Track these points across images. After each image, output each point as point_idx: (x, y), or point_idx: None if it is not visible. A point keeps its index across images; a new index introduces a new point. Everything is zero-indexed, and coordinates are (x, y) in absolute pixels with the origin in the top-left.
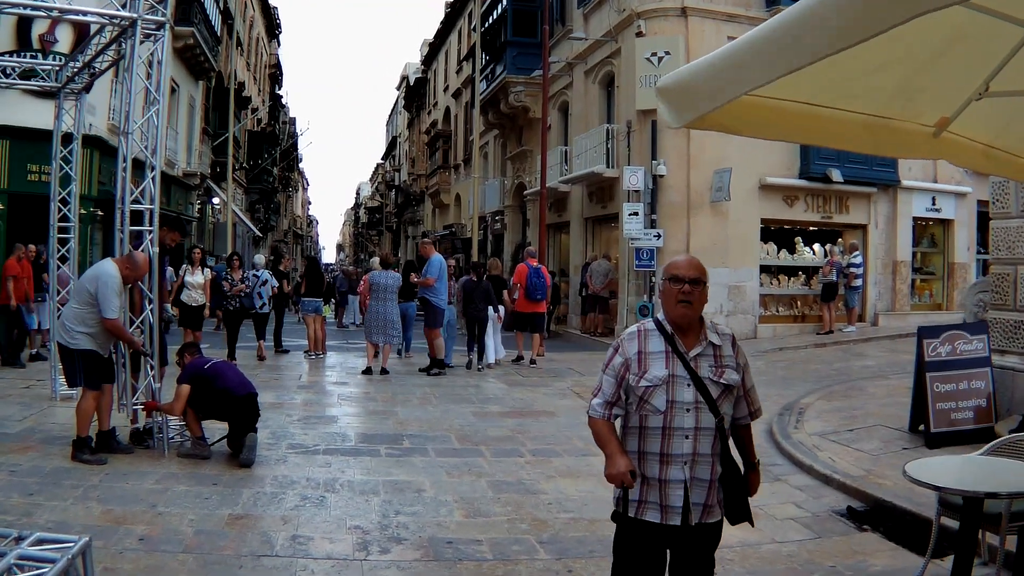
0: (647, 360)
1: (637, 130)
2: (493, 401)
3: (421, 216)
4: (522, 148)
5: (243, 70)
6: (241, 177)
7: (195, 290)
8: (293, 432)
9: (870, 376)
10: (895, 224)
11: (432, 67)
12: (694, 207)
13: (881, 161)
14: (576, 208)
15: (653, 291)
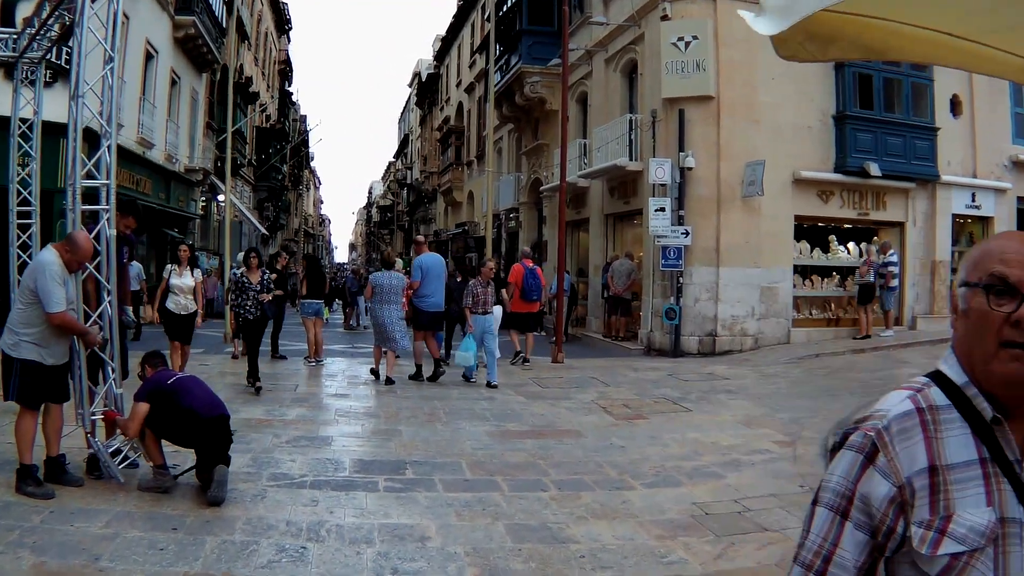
0: (949, 486)
1: (663, 120)
2: (510, 418)
3: (433, 214)
4: (538, 142)
5: (251, 65)
6: (249, 174)
7: (183, 295)
8: (279, 458)
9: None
10: (934, 221)
11: (444, 62)
12: (724, 202)
13: (920, 154)
14: (596, 204)
15: (680, 293)
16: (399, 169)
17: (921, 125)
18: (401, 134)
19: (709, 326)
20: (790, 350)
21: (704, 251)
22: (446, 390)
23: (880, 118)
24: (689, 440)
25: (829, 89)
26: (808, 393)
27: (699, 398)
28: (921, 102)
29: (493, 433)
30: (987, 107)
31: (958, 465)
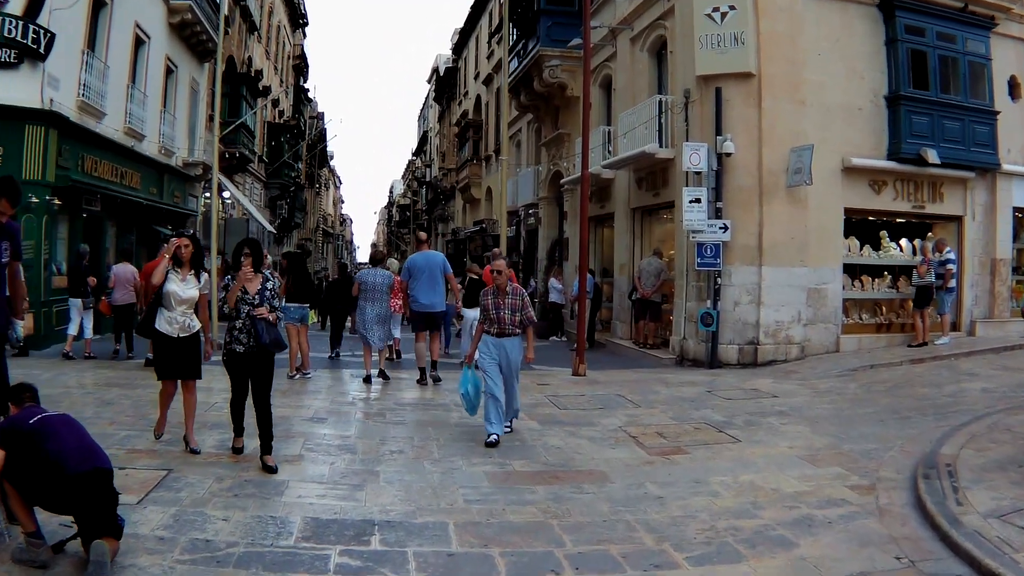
0: None
1: (697, 100)
2: (518, 452)
3: (452, 212)
4: (558, 132)
5: (261, 58)
6: (259, 170)
7: (182, 309)
8: (209, 515)
9: (1004, 406)
10: (994, 215)
11: (463, 55)
12: (767, 193)
13: (979, 140)
14: (621, 197)
15: (718, 295)
16: (418, 167)
17: (980, 108)
18: (420, 131)
19: (750, 333)
20: (840, 360)
21: (745, 248)
22: (446, 412)
23: (937, 99)
24: (743, 485)
25: (880, 67)
26: (873, 415)
27: (746, 423)
28: (979, 83)
29: (495, 476)
30: None
31: None
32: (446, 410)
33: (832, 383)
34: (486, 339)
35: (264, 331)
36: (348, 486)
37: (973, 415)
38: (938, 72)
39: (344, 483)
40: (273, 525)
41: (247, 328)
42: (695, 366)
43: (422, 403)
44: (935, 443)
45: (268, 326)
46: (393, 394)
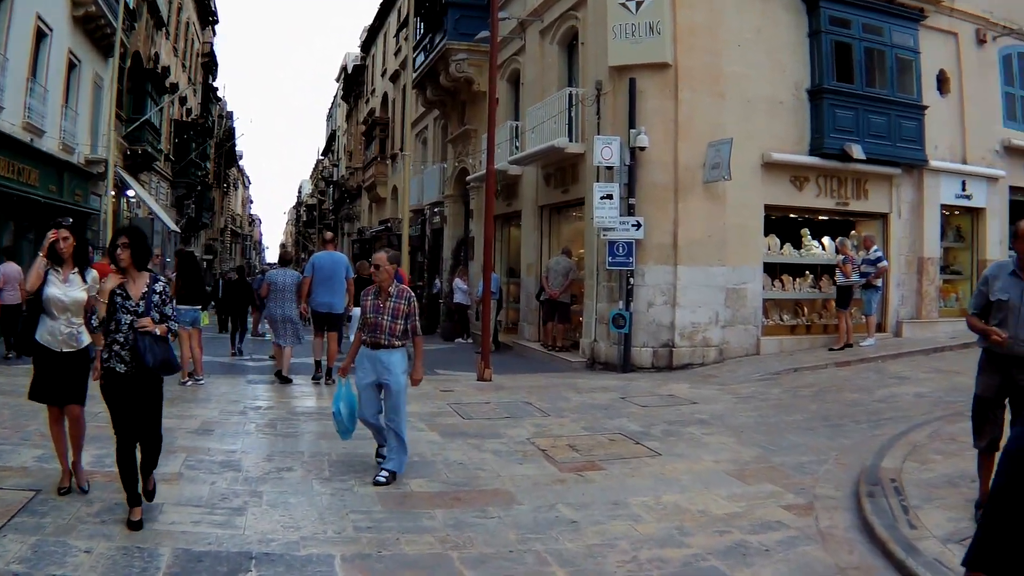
0: None
1: (610, 93)
2: (417, 470)
3: (358, 212)
4: (464, 128)
5: (169, 55)
6: (165, 169)
7: (64, 318)
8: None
9: (942, 412)
10: (921, 213)
11: (371, 52)
12: (683, 189)
13: (906, 136)
14: (529, 194)
15: (630, 296)
16: (326, 167)
17: (907, 102)
18: (329, 131)
19: (665, 335)
20: (761, 363)
21: (659, 247)
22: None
23: (862, 93)
24: (667, 507)
25: (803, 59)
26: (802, 423)
27: (666, 433)
28: (906, 77)
29: (390, 498)
30: (976, 85)
31: None
32: None
33: (754, 388)
34: (363, 351)
35: (147, 349)
36: (227, 510)
37: (910, 423)
38: (864, 65)
39: (223, 507)
40: (139, 559)
41: (130, 343)
42: (607, 370)
43: (317, 413)
44: (875, 455)
45: (155, 343)
46: (288, 402)
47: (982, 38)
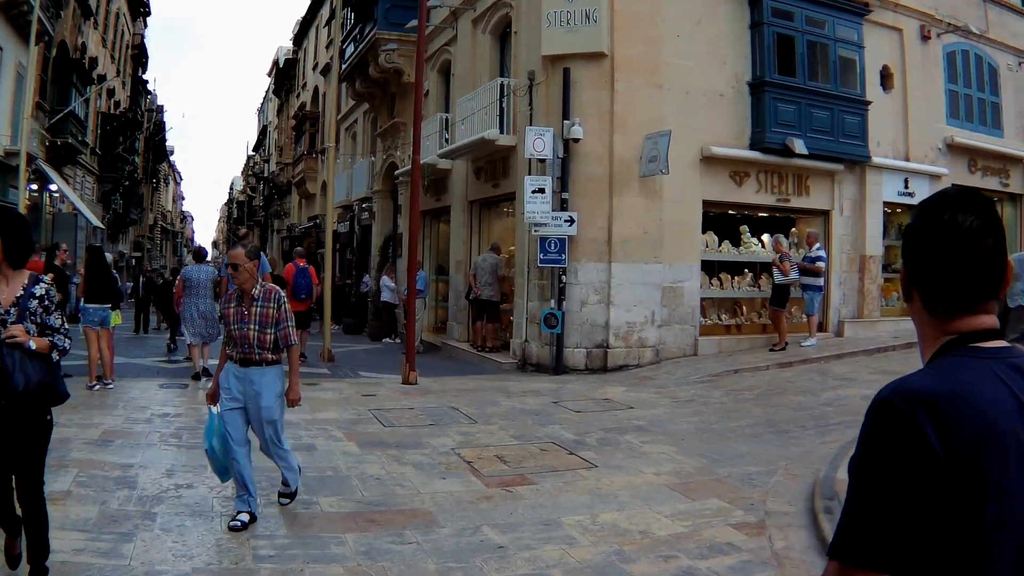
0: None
1: (543, 83)
2: (329, 486)
3: (288, 208)
4: (394, 121)
5: (97, 45)
6: (91, 163)
7: None
8: None
9: None
10: (863, 210)
11: (303, 46)
12: (619, 183)
13: (849, 131)
14: (459, 189)
15: (563, 294)
16: (257, 162)
17: (850, 97)
18: (260, 126)
19: (599, 335)
20: (700, 364)
21: (593, 243)
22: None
23: (805, 87)
24: (605, 528)
25: (744, 51)
26: (746, 430)
27: (602, 441)
28: (850, 72)
29: (297, 520)
30: (920, 82)
31: None
32: None
33: (694, 391)
34: (228, 369)
35: (17, 368)
36: (115, 536)
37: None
38: (806, 59)
39: (111, 532)
40: None
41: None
42: (539, 372)
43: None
44: (827, 465)
45: (28, 360)
46: (198, 408)
47: (927, 35)
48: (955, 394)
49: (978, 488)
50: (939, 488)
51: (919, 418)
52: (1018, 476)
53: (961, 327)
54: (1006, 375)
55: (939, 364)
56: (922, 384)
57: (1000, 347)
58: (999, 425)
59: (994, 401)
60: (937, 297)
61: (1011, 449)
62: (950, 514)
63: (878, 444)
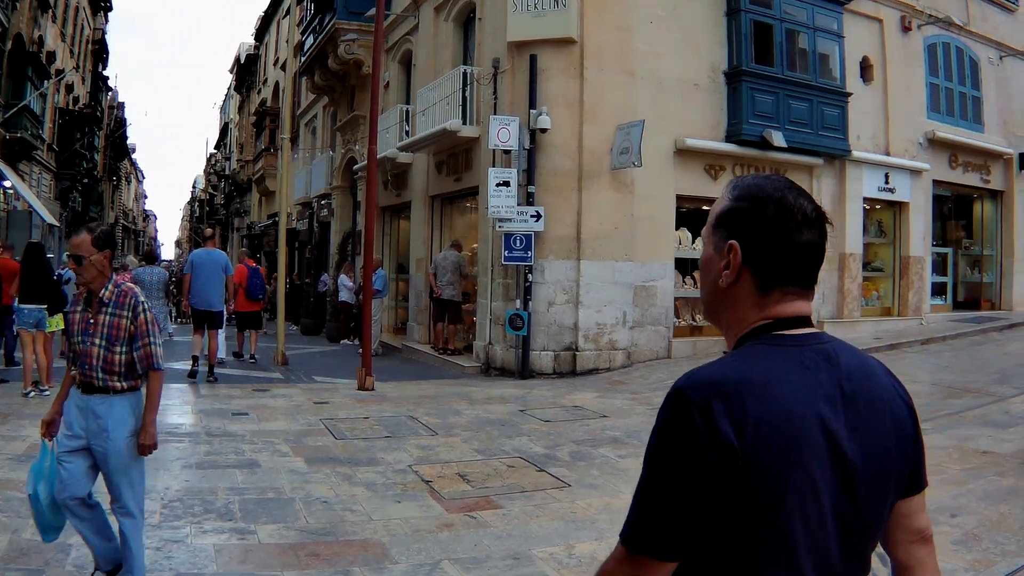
0: None
1: (508, 70)
2: (269, 510)
3: (248, 206)
4: (353, 114)
5: (55, 39)
6: (49, 159)
7: None
8: None
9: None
10: (843, 206)
11: (264, 41)
12: (588, 176)
13: (828, 124)
14: (420, 183)
15: (529, 294)
16: (218, 160)
17: (830, 89)
18: (222, 123)
19: (567, 338)
20: (675, 368)
21: (560, 240)
22: (194, 445)
23: (783, 77)
24: (584, 561)
25: (720, 39)
26: None
27: (574, 456)
28: (829, 62)
29: (230, 552)
30: (901, 74)
31: None
32: (195, 443)
33: None
34: (71, 395)
35: None
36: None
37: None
38: (785, 48)
39: (18, 567)
40: None
41: None
42: (504, 376)
43: (168, 430)
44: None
45: None
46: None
47: (907, 26)
48: (755, 383)
49: (775, 480)
50: (734, 480)
51: (714, 409)
52: (818, 468)
53: (785, 311)
54: (812, 363)
55: (743, 352)
56: (720, 373)
57: (809, 334)
58: (801, 415)
59: (797, 390)
60: (776, 278)
61: (813, 440)
62: (745, 507)
63: (671, 435)
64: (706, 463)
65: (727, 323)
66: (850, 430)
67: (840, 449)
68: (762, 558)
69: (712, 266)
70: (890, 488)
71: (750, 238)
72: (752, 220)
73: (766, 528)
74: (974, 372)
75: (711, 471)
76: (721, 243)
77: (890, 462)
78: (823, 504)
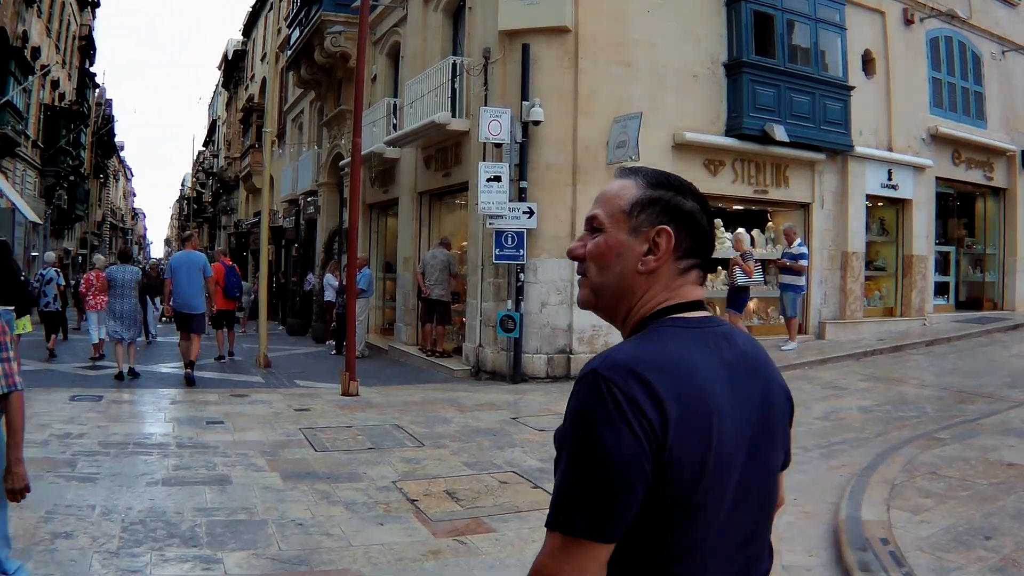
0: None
1: (500, 60)
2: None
3: (235, 204)
4: (340, 108)
5: (41, 34)
6: (33, 156)
7: None
8: None
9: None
10: (846, 203)
11: (252, 36)
12: (583, 171)
13: (831, 118)
14: (407, 179)
15: (521, 294)
16: (206, 157)
17: (832, 82)
18: (210, 120)
19: (562, 340)
20: None
21: (554, 238)
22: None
23: (784, 69)
24: None
25: (719, 29)
26: None
27: None
28: (831, 54)
29: None
30: (903, 68)
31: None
32: (163, 455)
33: None
34: None
35: None
36: None
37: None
38: (786, 39)
39: None
40: None
41: None
42: (495, 379)
43: (136, 441)
44: (847, 500)
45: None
46: (106, 428)
47: (909, 19)
48: (671, 363)
49: (697, 456)
50: (659, 457)
51: (635, 390)
52: (731, 443)
53: (689, 294)
54: (715, 343)
55: (652, 334)
56: (637, 355)
57: (707, 316)
58: (713, 392)
59: (708, 368)
60: (694, 262)
61: (726, 415)
62: (671, 483)
63: (595, 417)
64: (632, 443)
65: (628, 308)
66: (753, 407)
67: (747, 424)
68: (688, 532)
69: (624, 251)
70: (780, 460)
71: (678, 224)
72: (677, 207)
73: (690, 503)
74: (983, 375)
75: (639, 450)
76: (644, 228)
77: (783, 437)
78: (735, 477)
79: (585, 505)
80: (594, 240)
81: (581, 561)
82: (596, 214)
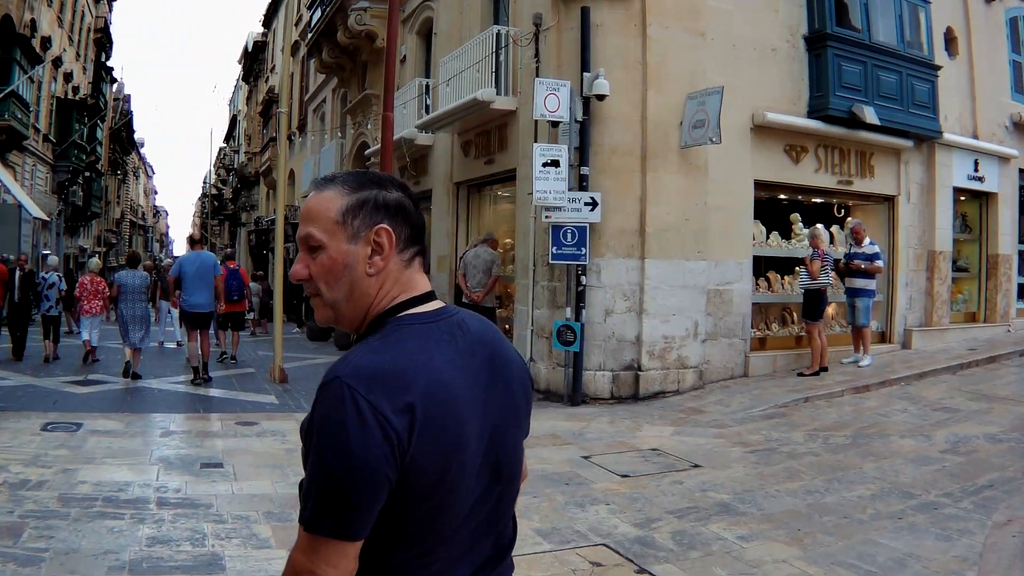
0: None
1: (553, 28)
2: None
3: (256, 200)
4: (365, 93)
5: (52, 24)
6: (44, 151)
7: None
8: None
9: None
10: (932, 196)
11: (272, 27)
12: (653, 156)
13: (919, 100)
14: (442, 168)
15: (582, 300)
16: (227, 153)
17: (919, 60)
18: (230, 115)
19: (628, 354)
20: (756, 390)
21: (621, 234)
22: (134, 524)
23: (870, 44)
24: None
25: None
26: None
27: (680, 539)
28: (915, 30)
29: None
30: (986, 48)
31: None
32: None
33: (765, 432)
34: None
35: None
36: None
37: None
38: (867, 10)
39: None
40: None
41: None
42: (549, 400)
43: (107, 495)
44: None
45: None
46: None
47: None
48: (412, 366)
49: (439, 461)
50: (399, 463)
51: (377, 397)
52: (476, 438)
53: (419, 286)
54: (450, 334)
55: (389, 334)
56: (378, 361)
57: (440, 308)
58: (455, 387)
59: (446, 363)
60: (415, 252)
61: (469, 414)
62: (411, 486)
63: (336, 424)
64: (376, 450)
65: (366, 311)
66: (496, 393)
67: (493, 412)
68: (432, 527)
69: (351, 260)
70: (522, 435)
71: (392, 218)
72: (386, 202)
73: (434, 501)
74: None
75: (381, 456)
76: (362, 232)
77: (525, 412)
78: (481, 463)
79: (330, 508)
80: (316, 260)
81: (329, 557)
82: (310, 232)
